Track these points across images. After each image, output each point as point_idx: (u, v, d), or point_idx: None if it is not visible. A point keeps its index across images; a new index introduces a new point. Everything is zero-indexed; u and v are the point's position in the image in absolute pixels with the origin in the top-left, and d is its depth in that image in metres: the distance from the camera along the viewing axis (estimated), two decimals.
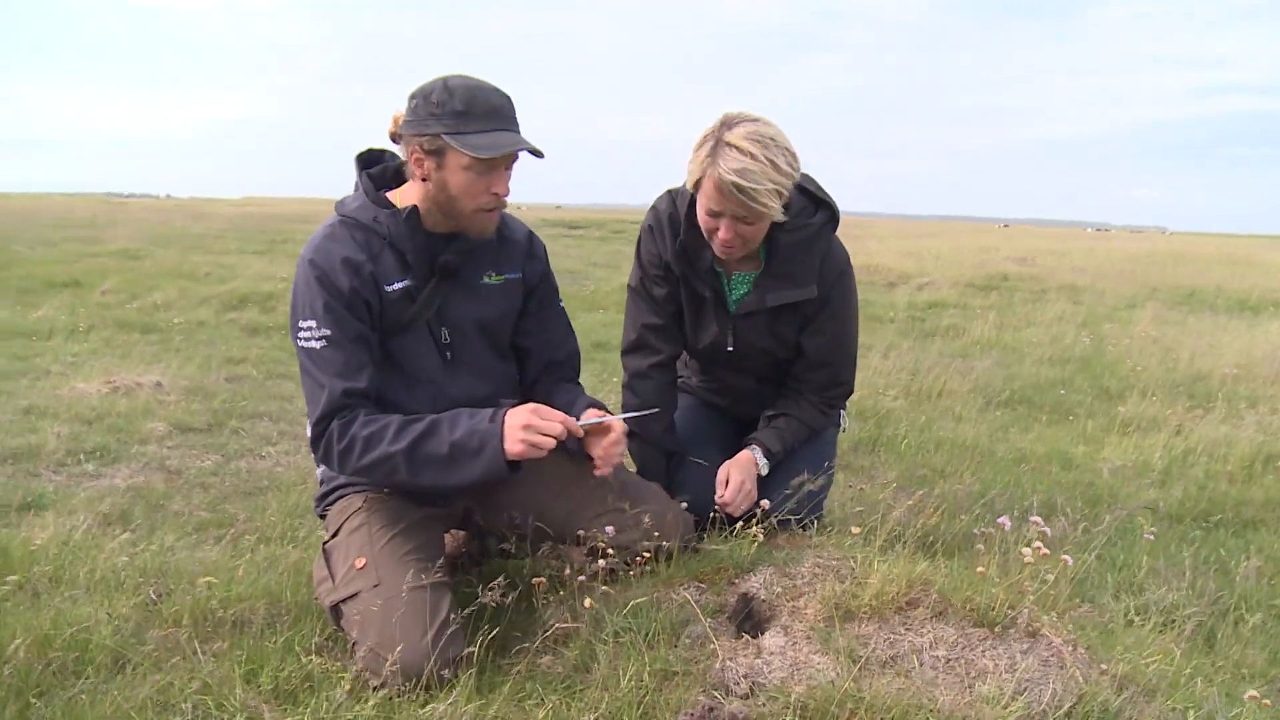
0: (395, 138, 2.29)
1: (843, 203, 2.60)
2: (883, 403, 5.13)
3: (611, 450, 2.31)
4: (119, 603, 2.38)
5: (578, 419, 2.28)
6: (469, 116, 2.13)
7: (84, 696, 1.97)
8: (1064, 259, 18.07)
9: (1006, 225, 66.93)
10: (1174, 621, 2.35)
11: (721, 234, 2.38)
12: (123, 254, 14.64)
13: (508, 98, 2.21)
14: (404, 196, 2.31)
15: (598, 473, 2.32)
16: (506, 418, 2.14)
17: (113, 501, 3.39)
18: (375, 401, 2.25)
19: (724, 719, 1.84)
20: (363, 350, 2.21)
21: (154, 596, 2.44)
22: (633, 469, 2.76)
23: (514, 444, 2.10)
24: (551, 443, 2.13)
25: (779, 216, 2.34)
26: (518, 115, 2.24)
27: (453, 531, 2.81)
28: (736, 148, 2.25)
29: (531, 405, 2.16)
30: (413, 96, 2.18)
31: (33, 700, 1.97)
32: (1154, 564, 2.90)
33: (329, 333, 2.16)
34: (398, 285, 2.25)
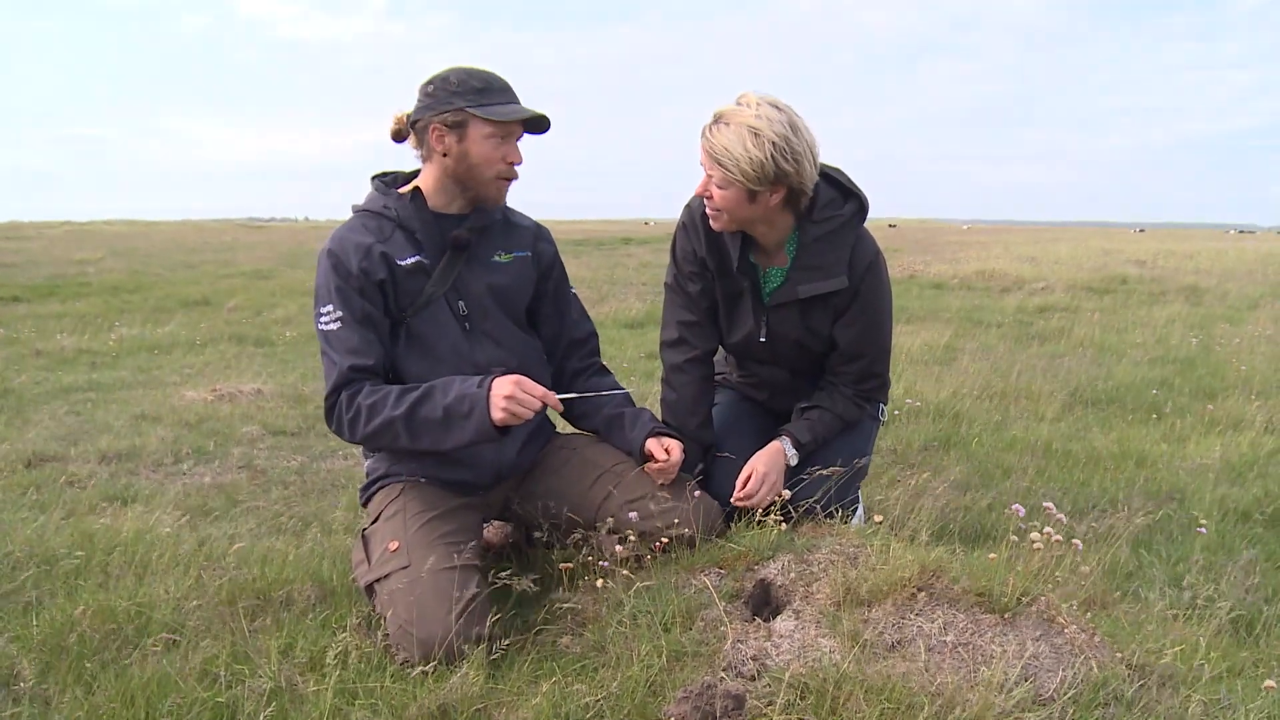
0: (398, 136, 2.48)
1: (976, 211, 2.61)
2: (961, 402, 5.01)
3: (667, 470, 2.53)
4: (180, 582, 2.54)
5: (641, 443, 2.55)
6: (488, 92, 2.36)
7: (135, 664, 2.13)
8: (1188, 261, 17.23)
9: (1142, 230, 64.16)
10: (1211, 615, 2.27)
11: (698, 188, 2.49)
12: (253, 274, 15.48)
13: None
14: (412, 187, 2.49)
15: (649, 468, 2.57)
16: (493, 386, 2.25)
17: (197, 497, 3.61)
18: (388, 379, 2.42)
19: (718, 697, 1.87)
20: (370, 330, 2.38)
21: (212, 578, 2.60)
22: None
23: (496, 411, 2.22)
24: (530, 414, 2.25)
25: (743, 180, 2.35)
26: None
27: (496, 523, 2.92)
28: (731, 117, 2.36)
29: (515, 377, 2.28)
30: (428, 84, 2.38)
31: (88, 664, 2.13)
32: (1210, 559, 2.78)
33: (342, 314, 2.35)
34: (410, 260, 2.42)
